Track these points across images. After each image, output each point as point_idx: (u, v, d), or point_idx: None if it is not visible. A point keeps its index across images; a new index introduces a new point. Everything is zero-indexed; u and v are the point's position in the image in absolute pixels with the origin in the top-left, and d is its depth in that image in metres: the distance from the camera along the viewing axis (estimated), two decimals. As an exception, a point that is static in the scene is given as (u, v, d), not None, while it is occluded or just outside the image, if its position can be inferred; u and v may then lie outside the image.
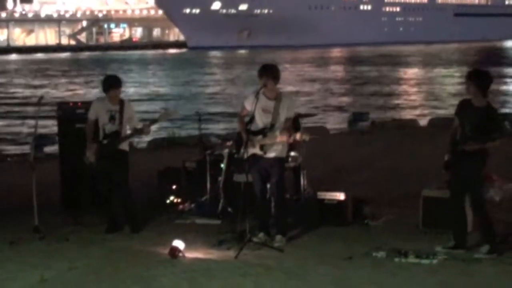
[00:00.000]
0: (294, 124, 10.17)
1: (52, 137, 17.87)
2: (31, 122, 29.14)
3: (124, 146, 10.80)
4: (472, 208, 9.32)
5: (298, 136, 9.68)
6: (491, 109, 9.03)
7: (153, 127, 11.34)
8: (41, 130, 20.76)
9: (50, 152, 17.53)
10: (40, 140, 17.80)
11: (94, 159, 10.65)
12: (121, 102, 10.78)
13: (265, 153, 9.80)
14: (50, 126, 21.59)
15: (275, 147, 9.83)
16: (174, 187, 12.15)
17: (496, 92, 40.10)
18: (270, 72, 9.85)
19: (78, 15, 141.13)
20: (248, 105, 9.89)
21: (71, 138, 11.84)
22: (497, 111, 9.18)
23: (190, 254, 9.36)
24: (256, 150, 9.84)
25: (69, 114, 12.16)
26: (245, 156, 9.88)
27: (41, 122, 17.19)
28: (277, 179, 9.92)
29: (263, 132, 9.84)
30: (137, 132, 10.94)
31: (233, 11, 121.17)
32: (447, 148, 9.29)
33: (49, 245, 10.05)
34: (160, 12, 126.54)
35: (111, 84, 10.79)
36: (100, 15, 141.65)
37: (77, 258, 9.41)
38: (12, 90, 49.97)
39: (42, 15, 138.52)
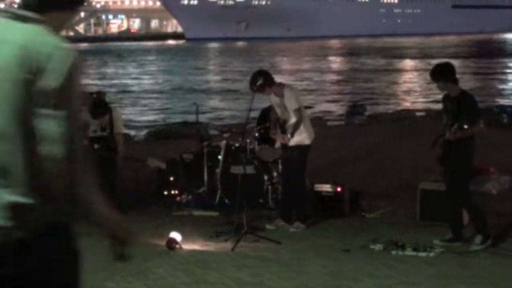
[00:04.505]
0: None
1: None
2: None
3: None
4: (458, 198, 9.21)
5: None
6: (463, 96, 9.01)
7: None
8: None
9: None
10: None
11: None
12: (109, 111, 10.91)
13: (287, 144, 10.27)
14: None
15: (295, 138, 10.15)
16: (171, 179, 12.14)
17: (494, 84, 40.21)
18: (253, 86, 10.18)
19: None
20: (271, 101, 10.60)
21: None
22: (470, 98, 9.09)
23: (187, 246, 9.36)
24: (278, 144, 10.62)
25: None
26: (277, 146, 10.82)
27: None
28: (294, 166, 10.19)
29: (282, 126, 10.30)
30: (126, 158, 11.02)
31: (231, 2, 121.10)
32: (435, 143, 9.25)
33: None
34: (158, 3, 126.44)
35: (100, 113, 10.94)
36: (98, 6, 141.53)
37: (74, 250, 9.41)
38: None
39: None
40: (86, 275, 8.69)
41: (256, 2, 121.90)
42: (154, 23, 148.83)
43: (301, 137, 10.15)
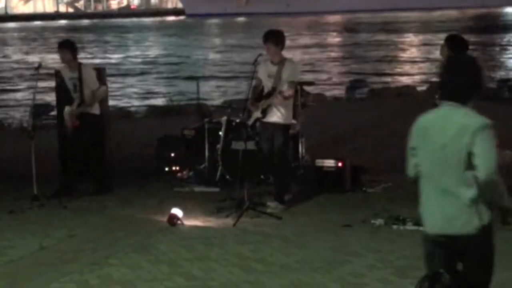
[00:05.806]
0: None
1: (50, 105, 17.83)
2: (29, 90, 29.08)
3: (94, 110, 10.87)
4: None
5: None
6: None
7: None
8: (39, 99, 20.71)
9: (48, 121, 17.52)
10: (38, 108, 17.77)
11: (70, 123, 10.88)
12: (79, 67, 10.80)
13: (264, 116, 9.91)
14: (48, 94, 21.54)
15: (276, 112, 9.90)
16: (172, 155, 12.14)
17: (495, 59, 40.13)
18: (271, 38, 9.96)
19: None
20: (259, 74, 10.13)
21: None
22: None
23: (188, 222, 9.39)
24: (258, 114, 9.99)
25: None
26: (250, 122, 10.19)
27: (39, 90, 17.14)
28: (278, 145, 9.97)
29: (266, 96, 9.93)
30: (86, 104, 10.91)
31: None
32: None
33: (48, 213, 10.09)
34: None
35: (59, 45, 10.95)
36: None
37: (76, 226, 9.44)
38: (9, 58, 49.78)
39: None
40: (89, 252, 8.75)
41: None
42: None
43: (286, 115, 10.02)
